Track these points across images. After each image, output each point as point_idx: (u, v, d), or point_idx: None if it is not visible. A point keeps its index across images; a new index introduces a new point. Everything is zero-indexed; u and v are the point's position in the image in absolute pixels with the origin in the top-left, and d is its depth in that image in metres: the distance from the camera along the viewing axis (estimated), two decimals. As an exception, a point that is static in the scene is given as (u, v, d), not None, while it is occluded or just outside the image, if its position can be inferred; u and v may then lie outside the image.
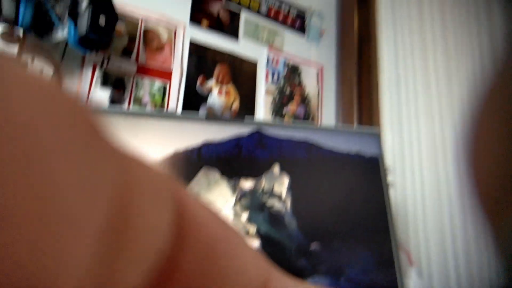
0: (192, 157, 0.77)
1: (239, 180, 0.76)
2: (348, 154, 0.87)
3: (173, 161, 0.76)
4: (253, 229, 0.74)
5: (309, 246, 0.75)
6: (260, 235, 0.73)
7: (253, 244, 0.72)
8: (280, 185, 0.78)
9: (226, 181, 0.76)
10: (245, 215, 0.74)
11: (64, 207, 0.07)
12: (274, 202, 0.76)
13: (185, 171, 0.75)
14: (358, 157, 0.87)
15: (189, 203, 0.13)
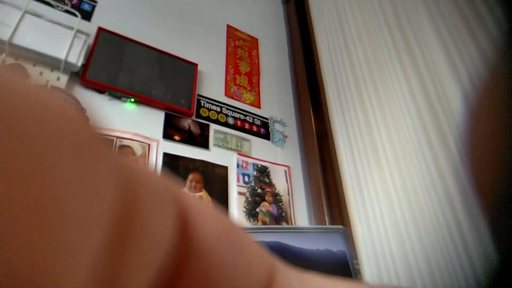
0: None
1: None
2: (317, 249, 0.91)
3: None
4: None
5: None
6: None
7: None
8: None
9: None
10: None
11: (65, 216, 0.08)
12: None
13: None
14: (326, 254, 0.90)
15: (191, 204, 0.13)
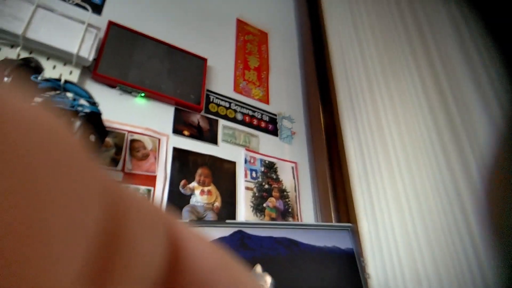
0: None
1: (223, 282, 0.78)
2: (324, 247, 0.92)
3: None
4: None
5: None
6: None
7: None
8: (263, 284, 0.80)
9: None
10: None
11: (51, 232, 0.07)
12: (258, 303, 0.78)
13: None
14: (334, 251, 0.91)
15: (185, 234, 0.13)
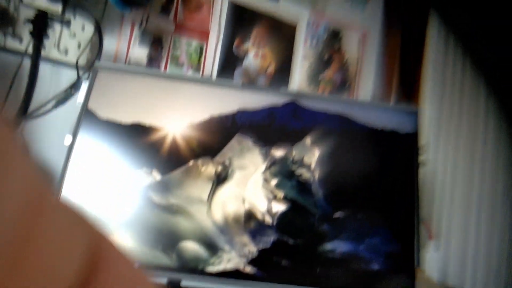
0: (226, 123, 0.80)
1: (271, 148, 0.79)
2: (382, 130, 0.86)
3: (208, 125, 0.79)
4: (280, 194, 0.77)
5: (333, 214, 0.79)
6: (287, 200, 0.77)
7: (280, 207, 0.76)
8: (310, 156, 0.80)
9: (258, 148, 0.79)
10: (274, 181, 0.78)
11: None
12: (303, 171, 0.79)
13: (219, 136, 0.79)
14: (392, 134, 0.86)
15: (110, 249, 0.13)
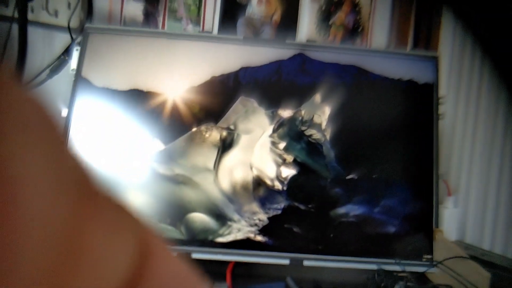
0: (229, 82, 0.74)
1: (278, 108, 0.73)
2: (399, 80, 0.79)
3: (210, 87, 0.73)
4: (290, 158, 0.74)
5: (347, 175, 0.75)
6: (297, 164, 0.74)
7: (289, 172, 0.73)
8: (320, 115, 0.74)
9: (264, 110, 0.73)
10: (282, 144, 0.74)
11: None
12: (313, 131, 0.74)
13: (222, 98, 0.73)
14: (410, 84, 0.79)
15: (156, 247, 0.13)
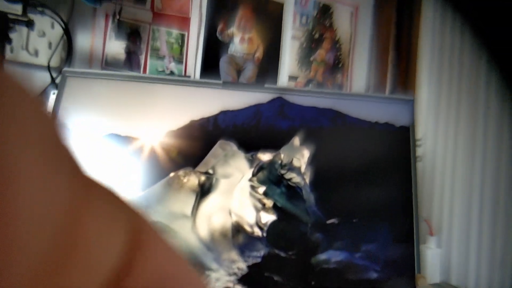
0: (208, 126, 0.74)
1: (257, 152, 0.73)
2: (376, 123, 0.80)
3: (188, 131, 0.73)
4: (270, 203, 0.73)
5: (327, 220, 0.74)
6: (277, 209, 0.73)
7: (269, 217, 0.72)
8: (299, 158, 0.74)
9: (243, 153, 0.73)
10: (262, 189, 0.73)
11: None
12: (292, 175, 0.74)
13: (201, 143, 0.72)
14: (387, 127, 0.80)
15: (148, 235, 0.13)
